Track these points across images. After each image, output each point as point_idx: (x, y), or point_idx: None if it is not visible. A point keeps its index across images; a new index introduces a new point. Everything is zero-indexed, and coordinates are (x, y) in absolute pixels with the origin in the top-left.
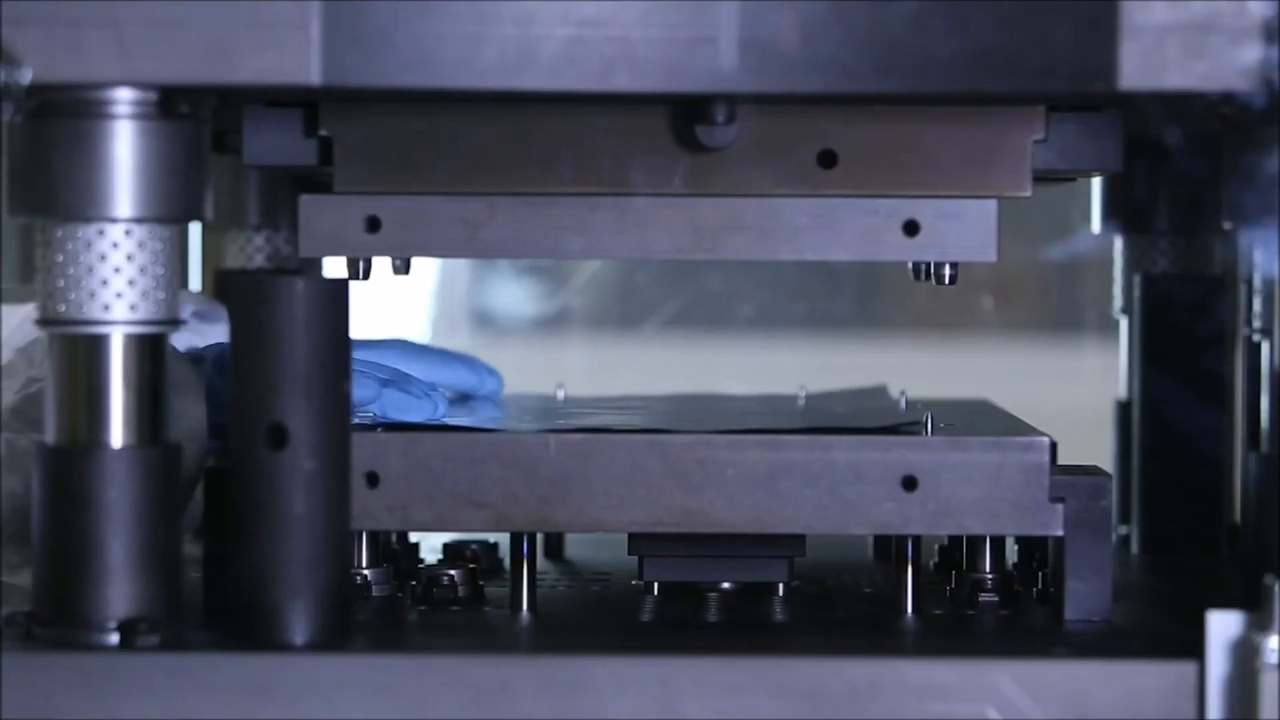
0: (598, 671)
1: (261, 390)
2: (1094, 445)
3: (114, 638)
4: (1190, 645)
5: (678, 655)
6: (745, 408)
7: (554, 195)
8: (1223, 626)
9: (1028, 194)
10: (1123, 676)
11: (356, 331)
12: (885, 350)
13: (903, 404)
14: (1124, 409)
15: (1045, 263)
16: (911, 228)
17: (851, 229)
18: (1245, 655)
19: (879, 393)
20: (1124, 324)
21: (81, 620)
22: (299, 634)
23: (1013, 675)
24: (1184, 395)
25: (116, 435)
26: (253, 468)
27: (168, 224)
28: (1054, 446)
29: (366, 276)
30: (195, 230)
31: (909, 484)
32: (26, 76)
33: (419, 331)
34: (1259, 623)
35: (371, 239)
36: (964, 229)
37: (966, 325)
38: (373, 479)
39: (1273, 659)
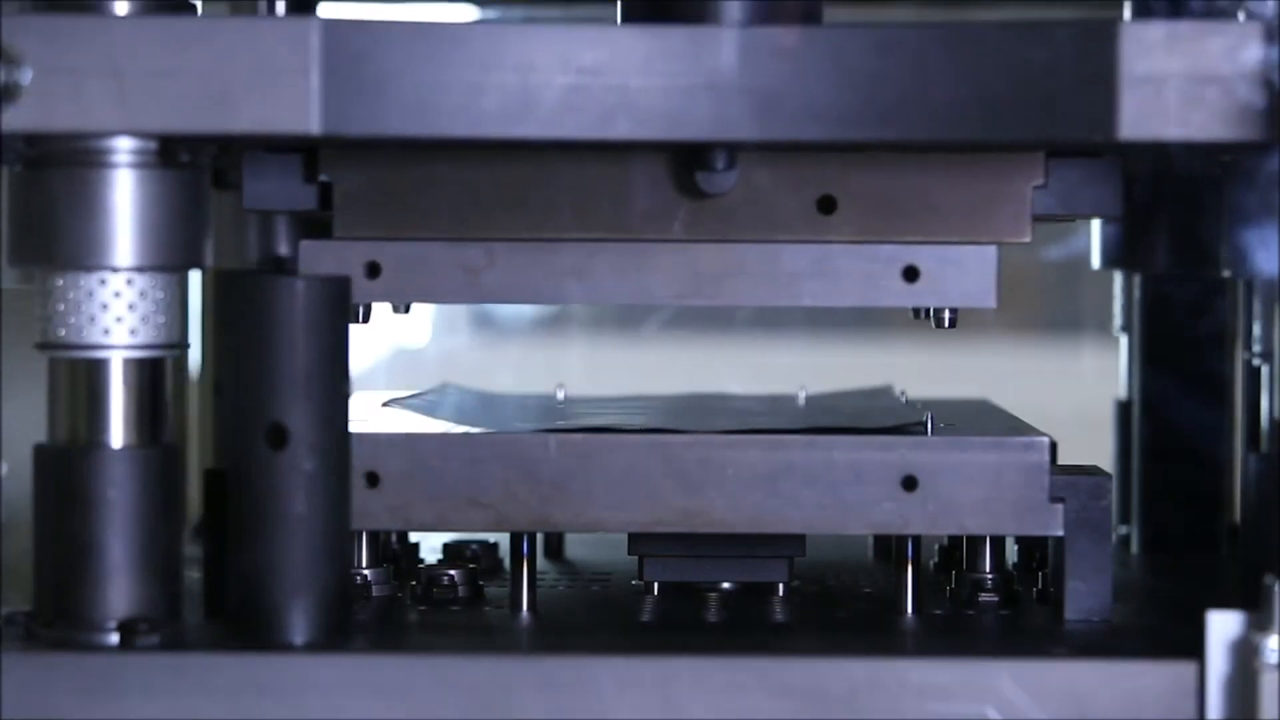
0: (598, 671)
1: (261, 390)
2: (1094, 445)
3: (114, 638)
4: (1190, 645)
5: (678, 655)
6: (746, 408)
7: (554, 241)
8: (1223, 626)
9: (1027, 239)
10: (1123, 676)
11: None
12: (885, 350)
13: (902, 404)
14: (1124, 409)
15: (1045, 263)
16: (911, 273)
17: (851, 275)
18: (1245, 655)
19: (884, 393)
20: (1123, 338)
21: (81, 620)
22: (299, 634)
23: (1013, 675)
24: (1184, 395)
25: (116, 435)
26: (253, 468)
27: (169, 272)
28: (1054, 446)
29: (366, 320)
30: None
31: (909, 484)
32: (27, 77)
33: (419, 331)
34: (1259, 623)
35: (371, 285)
36: (964, 275)
37: (966, 325)
38: (373, 479)
39: (1273, 659)
